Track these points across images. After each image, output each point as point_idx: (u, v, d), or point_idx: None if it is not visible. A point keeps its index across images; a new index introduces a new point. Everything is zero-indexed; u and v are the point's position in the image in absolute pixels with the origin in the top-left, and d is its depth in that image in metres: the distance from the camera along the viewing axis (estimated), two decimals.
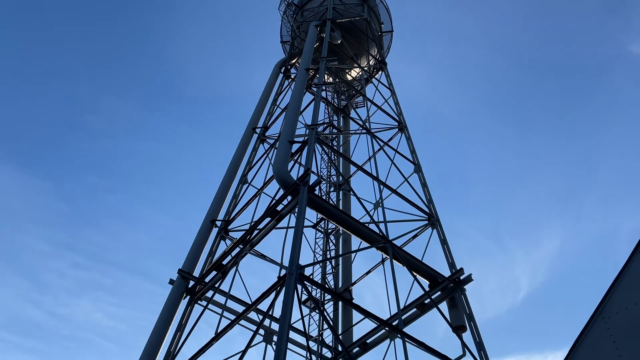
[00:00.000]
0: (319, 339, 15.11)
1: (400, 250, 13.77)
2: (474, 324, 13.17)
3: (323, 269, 17.50)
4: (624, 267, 10.61)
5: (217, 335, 11.59)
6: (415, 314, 14.67)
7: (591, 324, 10.77)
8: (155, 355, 12.68)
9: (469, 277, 13.89)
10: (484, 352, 12.62)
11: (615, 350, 10.10)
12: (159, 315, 13.44)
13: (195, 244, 15.59)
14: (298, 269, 10.39)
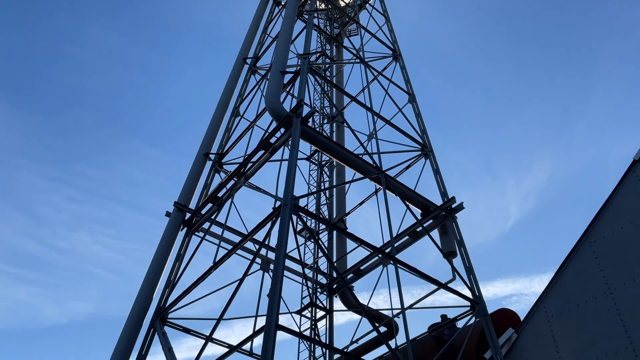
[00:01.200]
0: (314, 266, 15.59)
1: (393, 180, 13.91)
2: (464, 249, 13.59)
3: (317, 200, 17.73)
4: (612, 193, 10.81)
5: (215, 264, 11.91)
6: (408, 241, 15.09)
7: (578, 248, 11.14)
8: (156, 284, 13.11)
9: (460, 205, 14.16)
10: (473, 276, 13.12)
11: (600, 272, 10.52)
12: (158, 246, 13.75)
13: (189, 177, 15.65)
14: (292, 200, 10.52)
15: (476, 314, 12.51)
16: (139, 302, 12.61)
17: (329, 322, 15.31)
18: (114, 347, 12.11)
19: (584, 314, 10.55)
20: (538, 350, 11.12)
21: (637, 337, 9.51)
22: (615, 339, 9.80)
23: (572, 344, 10.55)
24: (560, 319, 10.93)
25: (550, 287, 11.38)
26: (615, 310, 9.96)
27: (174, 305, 12.24)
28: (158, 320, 12.19)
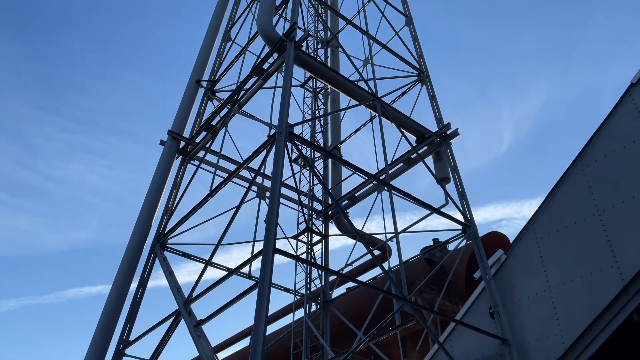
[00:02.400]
0: (310, 193, 15.80)
1: (389, 107, 13.78)
2: (458, 175, 13.76)
3: (312, 127, 17.63)
4: (608, 116, 10.79)
5: (212, 192, 12.03)
6: (402, 168, 15.22)
7: (569, 172, 11.29)
8: (154, 211, 13.31)
9: (455, 131, 14.15)
10: (466, 201, 13.38)
11: (590, 195, 10.72)
12: (154, 174, 13.81)
13: (182, 105, 15.43)
14: (287, 127, 10.45)
15: (467, 237, 12.88)
16: (138, 229, 12.87)
17: (325, 246, 15.75)
18: (116, 272, 12.50)
19: (572, 235, 10.88)
20: (526, 270, 11.57)
21: (621, 256, 9.89)
22: (601, 258, 10.18)
23: (559, 264, 10.97)
24: (548, 241, 11.28)
25: (540, 210, 11.65)
26: (603, 231, 10.27)
27: (172, 232, 12.50)
28: (158, 245, 12.49)
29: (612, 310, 9.81)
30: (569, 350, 10.27)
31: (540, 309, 11.07)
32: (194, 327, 9.77)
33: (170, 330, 10.42)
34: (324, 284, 15.29)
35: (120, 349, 11.49)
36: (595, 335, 9.99)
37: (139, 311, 12.12)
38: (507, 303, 11.80)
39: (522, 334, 11.29)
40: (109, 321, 11.70)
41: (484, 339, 11.51)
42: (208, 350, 9.33)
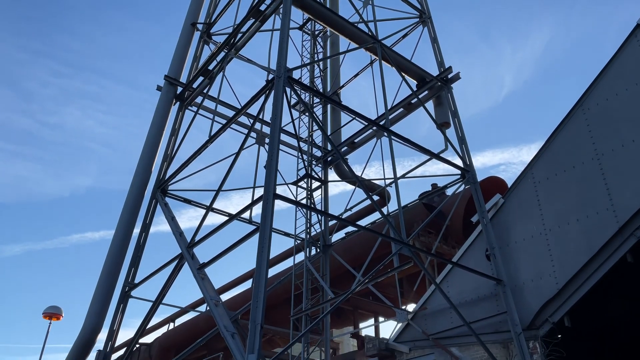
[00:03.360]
0: (309, 139, 15.75)
1: (389, 50, 13.50)
2: (458, 120, 13.67)
3: (311, 72, 17.33)
4: (612, 58, 10.59)
5: (211, 138, 11.99)
6: (402, 113, 15.10)
7: (570, 116, 11.22)
8: (154, 158, 13.32)
9: (456, 75, 13.94)
10: (465, 146, 13.37)
11: (590, 138, 10.71)
12: (152, 120, 13.72)
13: (178, 50, 15.10)
14: (286, 72, 10.28)
15: (466, 181, 12.96)
16: (139, 175, 12.92)
17: (324, 192, 15.88)
18: (119, 218, 12.67)
19: (570, 179, 10.96)
20: (522, 213, 11.74)
21: (618, 199, 10.00)
22: (598, 202, 10.31)
23: (555, 207, 11.11)
24: (546, 184, 11.38)
25: (539, 154, 11.67)
26: (601, 175, 10.34)
27: (173, 178, 12.56)
28: (159, 191, 12.58)
29: (606, 251, 10.04)
30: (562, 290, 10.58)
31: (536, 251, 11.32)
32: (197, 269, 10.01)
33: (174, 273, 10.68)
34: (323, 229, 15.52)
35: (126, 291, 11.83)
36: (588, 276, 10.27)
37: (142, 255, 12.39)
38: (503, 245, 12.04)
39: (516, 275, 11.59)
40: (114, 265, 11.98)
41: (480, 280, 11.84)
42: (212, 291, 9.60)
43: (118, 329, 11.59)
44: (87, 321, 11.58)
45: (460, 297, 12.31)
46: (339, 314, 18.70)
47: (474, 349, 11.64)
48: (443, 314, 12.39)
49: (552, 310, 10.74)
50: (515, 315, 11.09)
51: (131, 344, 11.02)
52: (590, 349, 13.75)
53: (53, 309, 19.54)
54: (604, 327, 13.69)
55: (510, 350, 11.15)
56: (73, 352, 11.68)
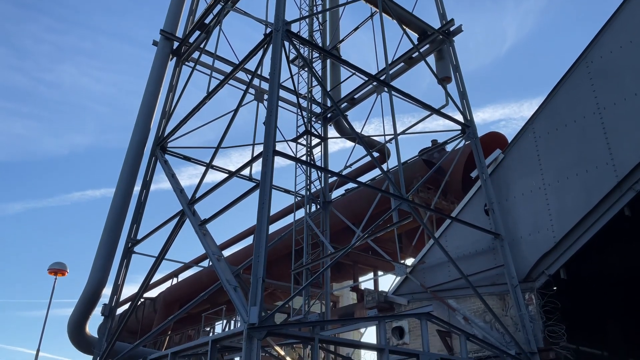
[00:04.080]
0: (309, 95, 15.57)
1: (390, 2, 13.15)
2: (459, 75, 13.48)
3: (310, 25, 16.94)
4: (618, 9, 10.34)
5: (209, 94, 11.85)
6: (403, 68, 14.87)
7: (573, 70, 11.05)
8: (152, 115, 13.21)
9: (458, 28, 13.64)
10: (466, 101, 13.24)
11: (592, 92, 10.59)
12: (149, 77, 13.51)
13: (173, 3, 14.69)
14: (284, 25, 10.04)
15: (466, 137, 12.91)
16: (137, 132, 12.85)
17: (324, 149, 15.84)
18: (119, 175, 12.69)
19: (571, 134, 10.92)
20: (522, 168, 11.76)
21: (618, 153, 10.00)
22: (598, 156, 10.31)
23: (555, 162, 11.12)
24: (547, 139, 11.34)
25: (541, 108, 11.57)
26: (602, 129, 10.29)
27: (172, 135, 12.50)
28: (158, 149, 12.55)
29: (604, 205, 10.13)
30: (559, 243, 10.74)
31: (534, 206, 11.41)
32: (199, 226, 10.10)
33: (175, 230, 10.79)
34: (323, 186, 15.59)
35: (129, 247, 12.00)
36: (585, 230, 10.40)
37: (144, 212, 12.49)
38: (501, 200, 12.13)
39: (514, 229, 11.74)
40: (116, 221, 12.09)
41: (478, 234, 12.00)
42: (214, 247, 9.73)
43: (122, 284, 11.83)
44: (91, 276, 11.80)
45: (458, 251, 12.50)
46: (339, 269, 19.06)
47: (470, 300, 11.93)
48: (441, 267, 12.63)
49: (548, 263, 10.93)
50: (512, 268, 11.30)
51: (136, 298, 11.26)
52: (585, 301, 14.10)
53: (58, 265, 19.88)
54: (600, 280, 13.98)
55: (506, 302, 11.43)
56: (79, 306, 11.96)
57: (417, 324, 11.33)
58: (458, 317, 11.95)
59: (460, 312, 12.01)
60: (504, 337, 11.02)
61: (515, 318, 11.07)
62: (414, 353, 9.12)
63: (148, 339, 10.81)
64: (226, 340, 8.71)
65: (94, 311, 12.22)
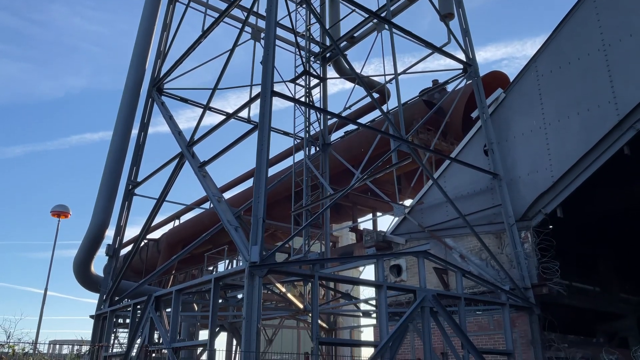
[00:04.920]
0: (307, 34, 15.15)
1: None
2: (462, 11, 13.06)
3: None
4: None
5: (204, 32, 11.52)
6: (404, 4, 14.38)
7: (579, 5, 10.70)
8: (147, 55, 12.91)
9: None
10: (469, 38, 12.91)
11: (598, 28, 10.30)
12: (142, 15, 13.09)
13: None
14: None
15: (468, 76, 12.69)
16: (132, 73, 12.61)
17: (323, 89, 15.60)
18: (116, 117, 12.58)
19: (574, 72, 10.72)
20: (523, 107, 11.64)
21: (621, 91, 9.86)
22: (600, 95, 10.17)
23: (557, 101, 10.99)
24: (549, 78, 11.15)
25: (544, 46, 11.30)
26: (606, 66, 10.09)
27: (168, 76, 12.27)
28: (154, 90, 12.36)
29: (604, 144, 10.11)
30: (557, 182, 10.82)
31: (534, 145, 11.39)
32: (198, 168, 10.12)
33: (175, 172, 10.82)
34: (322, 128, 15.49)
35: (129, 189, 12.08)
36: (584, 169, 10.44)
37: (143, 155, 12.47)
38: (501, 140, 12.10)
39: (513, 169, 11.78)
40: (116, 164, 12.11)
41: (476, 174, 12.06)
42: (214, 189, 9.79)
43: (125, 225, 12.01)
44: (94, 218, 11.96)
45: (457, 192, 12.61)
46: (339, 210, 19.30)
47: (467, 239, 12.16)
48: (439, 207, 12.78)
49: (545, 202, 11.06)
50: (509, 207, 11.44)
51: (139, 239, 11.47)
52: (579, 239, 14.38)
53: (60, 207, 20.10)
54: (594, 219, 14.19)
55: (503, 240, 11.66)
56: (83, 247, 12.21)
57: (415, 262, 11.61)
58: (455, 255, 12.23)
59: (456, 251, 12.28)
60: (499, 274, 11.33)
61: (510, 256, 11.34)
62: (411, 289, 9.40)
63: (153, 278, 11.12)
64: (228, 278, 8.95)
65: (98, 252, 12.49)
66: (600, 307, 13.45)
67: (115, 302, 11.34)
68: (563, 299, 11.42)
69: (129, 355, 9.46)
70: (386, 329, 8.52)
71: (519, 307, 10.72)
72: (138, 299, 10.16)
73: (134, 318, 10.25)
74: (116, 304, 11.20)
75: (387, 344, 8.37)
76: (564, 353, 10.76)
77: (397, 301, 12.61)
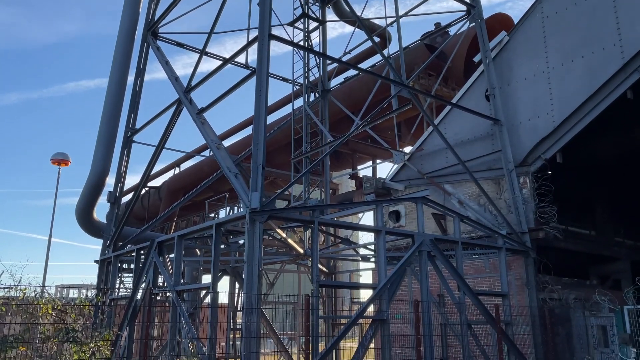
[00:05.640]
0: None
1: None
2: None
3: None
4: None
5: None
6: None
7: None
8: None
9: None
10: None
11: None
12: None
13: None
14: None
15: (471, 18, 12.35)
16: (126, 17, 12.26)
17: (322, 33, 15.21)
18: (111, 63, 12.34)
19: (580, 14, 10.42)
20: (527, 51, 11.40)
21: (627, 33, 9.62)
22: (606, 37, 9.93)
23: (561, 44, 10.75)
24: (555, 19, 10.85)
25: None
26: (613, 7, 9.80)
27: (162, 19, 11.92)
28: (150, 34, 12.05)
29: (607, 87, 9.97)
30: (558, 127, 10.76)
31: (536, 90, 11.25)
32: (196, 114, 10.03)
33: (173, 118, 10.73)
34: (322, 73, 15.22)
35: (128, 136, 12.02)
36: (586, 113, 10.36)
37: (140, 102, 12.33)
38: (503, 85, 11.93)
39: (514, 115, 11.68)
40: (113, 110, 11.99)
41: (477, 120, 11.97)
42: (213, 136, 9.74)
43: (125, 173, 12.04)
44: (94, 165, 11.98)
45: (457, 138, 12.57)
46: (338, 158, 19.31)
47: (466, 185, 12.24)
48: (439, 154, 12.78)
49: (545, 147, 11.05)
50: (509, 153, 11.44)
51: (139, 185, 11.53)
52: (577, 184, 14.47)
53: (60, 155, 20.09)
54: (593, 165, 14.23)
55: (501, 186, 11.74)
56: (85, 194, 12.30)
57: (413, 209, 11.74)
58: (453, 201, 12.34)
59: (455, 197, 12.39)
60: (496, 219, 11.48)
61: (508, 201, 11.45)
62: (409, 234, 9.56)
63: (155, 224, 11.27)
64: (230, 223, 9.08)
65: (99, 199, 12.60)
66: (595, 251, 13.72)
67: (118, 247, 11.55)
68: (559, 242, 11.64)
69: (135, 298, 9.75)
70: (384, 273, 8.73)
71: (515, 251, 10.95)
72: (141, 244, 10.34)
73: (137, 263, 10.49)
74: (120, 250, 11.42)
75: (385, 286, 8.60)
76: (557, 294, 11.08)
77: (395, 246, 12.85)
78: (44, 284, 16.94)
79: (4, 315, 5.88)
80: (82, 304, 6.50)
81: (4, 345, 5.35)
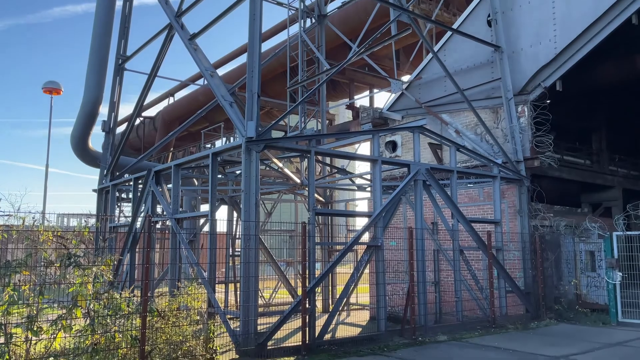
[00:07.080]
0: None
1: None
2: None
3: None
4: None
5: None
6: None
7: None
8: None
9: None
10: None
11: None
12: None
13: None
14: None
15: None
16: None
17: None
18: None
19: None
20: None
21: None
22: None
23: None
24: None
25: None
26: None
27: None
28: None
29: (612, 12, 9.64)
30: (559, 54, 10.51)
31: (539, 15, 10.87)
32: (189, 40, 9.71)
33: (165, 44, 10.40)
34: None
35: (119, 64, 11.72)
36: (589, 39, 10.08)
37: (130, 27, 11.90)
38: (506, 10, 11.51)
39: (516, 41, 11.37)
40: (103, 37, 11.61)
41: (477, 47, 11.65)
42: (206, 63, 9.49)
43: (118, 101, 11.84)
44: (86, 94, 11.77)
45: (456, 65, 12.30)
46: (335, 87, 18.98)
47: (463, 114, 12.14)
48: (437, 83, 12.55)
49: (545, 75, 10.86)
50: (508, 81, 11.25)
51: (134, 114, 11.38)
52: (574, 113, 14.37)
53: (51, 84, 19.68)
54: (591, 94, 14.05)
55: (499, 115, 11.65)
56: (79, 123, 12.17)
57: (410, 138, 11.70)
58: (450, 130, 12.29)
59: (452, 126, 12.32)
60: (492, 148, 11.49)
61: (505, 130, 11.41)
62: (404, 163, 9.60)
63: (151, 153, 11.26)
64: (226, 153, 9.06)
65: (94, 128, 12.48)
66: (588, 179, 13.87)
67: (116, 177, 11.61)
68: (553, 171, 11.74)
69: (134, 225, 9.92)
70: (380, 201, 8.85)
71: (509, 180, 11.06)
72: (138, 174, 10.38)
73: (135, 192, 10.58)
74: (117, 179, 11.47)
75: (380, 214, 8.76)
76: (549, 222, 11.33)
77: (391, 175, 12.94)
78: (43, 211, 17.17)
79: (5, 242, 5.99)
80: (82, 229, 6.61)
81: (8, 270, 5.49)
